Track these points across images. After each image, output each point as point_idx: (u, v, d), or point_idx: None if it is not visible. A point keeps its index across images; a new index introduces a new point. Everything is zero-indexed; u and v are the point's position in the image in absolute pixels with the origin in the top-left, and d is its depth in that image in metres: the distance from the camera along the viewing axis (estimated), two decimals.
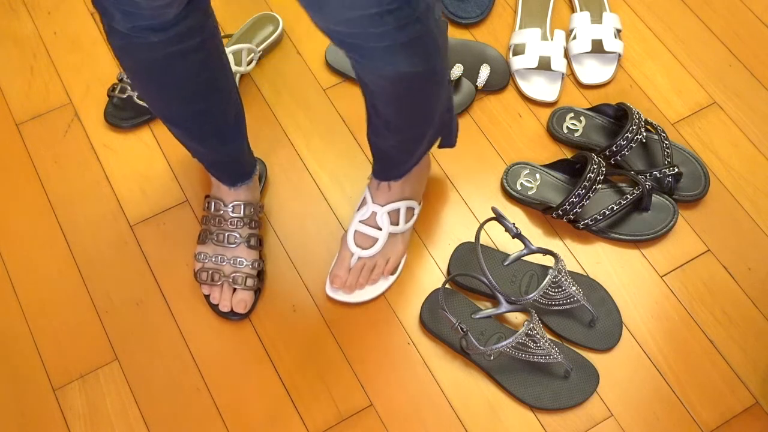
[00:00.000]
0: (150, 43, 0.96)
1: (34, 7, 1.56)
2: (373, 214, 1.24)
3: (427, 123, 1.10)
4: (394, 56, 0.90)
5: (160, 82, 1.04)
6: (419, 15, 0.87)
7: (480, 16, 1.53)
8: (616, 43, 1.46)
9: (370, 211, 1.24)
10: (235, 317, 1.25)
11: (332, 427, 1.20)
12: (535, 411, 1.20)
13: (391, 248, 1.26)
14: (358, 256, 1.24)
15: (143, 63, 1.01)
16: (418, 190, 1.28)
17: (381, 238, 1.24)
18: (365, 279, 1.25)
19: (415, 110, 1.06)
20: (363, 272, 1.25)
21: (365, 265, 1.25)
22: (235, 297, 1.24)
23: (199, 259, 1.26)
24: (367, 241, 1.24)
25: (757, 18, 1.55)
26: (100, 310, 1.28)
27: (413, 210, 1.27)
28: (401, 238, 1.27)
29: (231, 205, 1.24)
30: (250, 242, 1.25)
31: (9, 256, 1.32)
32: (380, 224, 1.24)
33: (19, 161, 1.40)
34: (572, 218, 1.30)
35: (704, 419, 1.20)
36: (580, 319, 1.25)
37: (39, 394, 1.22)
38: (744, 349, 1.25)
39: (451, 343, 1.23)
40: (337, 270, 1.25)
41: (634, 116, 1.34)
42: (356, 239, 1.24)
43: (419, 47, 0.91)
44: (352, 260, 1.24)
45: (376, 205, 1.23)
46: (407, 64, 0.91)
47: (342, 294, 1.26)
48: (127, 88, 1.41)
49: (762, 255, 1.32)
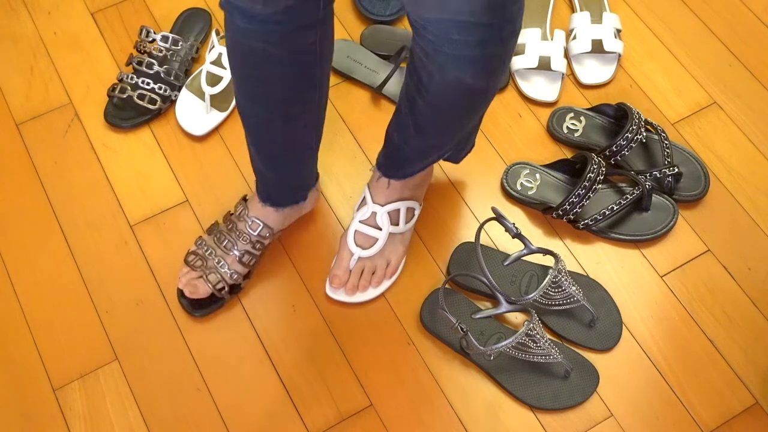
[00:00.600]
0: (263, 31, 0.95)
1: (34, 7, 1.56)
2: (373, 214, 1.23)
3: (457, 135, 1.11)
4: (464, 66, 0.91)
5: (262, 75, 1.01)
6: (504, 37, 0.89)
7: None
8: (616, 43, 1.46)
9: (370, 211, 1.23)
10: (183, 301, 1.24)
11: (332, 427, 1.20)
12: (535, 411, 1.20)
13: (391, 249, 1.25)
14: (358, 256, 1.23)
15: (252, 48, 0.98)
16: (419, 192, 1.28)
17: (381, 238, 1.23)
18: (366, 282, 1.25)
19: (453, 121, 1.06)
20: (363, 275, 1.24)
21: (365, 267, 1.24)
22: (194, 280, 1.23)
23: (196, 243, 1.26)
24: (367, 240, 1.24)
25: (757, 18, 1.55)
26: (100, 310, 1.28)
27: (414, 210, 1.26)
28: (401, 238, 1.26)
29: (251, 218, 1.22)
30: (243, 258, 1.23)
31: (9, 256, 1.32)
32: (380, 224, 1.23)
33: (19, 161, 1.40)
34: (572, 218, 1.30)
35: (704, 419, 1.20)
36: (580, 319, 1.25)
37: (39, 394, 1.22)
38: (744, 349, 1.25)
39: (451, 343, 1.23)
40: (336, 270, 1.24)
41: (634, 116, 1.34)
42: (356, 239, 1.24)
43: (490, 66, 0.92)
44: (352, 260, 1.24)
45: (376, 205, 1.23)
46: (473, 77, 0.92)
47: (342, 294, 1.25)
48: (127, 88, 1.41)
49: (762, 255, 1.32)
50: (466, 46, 0.88)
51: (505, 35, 0.89)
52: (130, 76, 1.42)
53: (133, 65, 1.42)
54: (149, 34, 1.45)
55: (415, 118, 1.05)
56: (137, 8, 1.55)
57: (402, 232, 1.26)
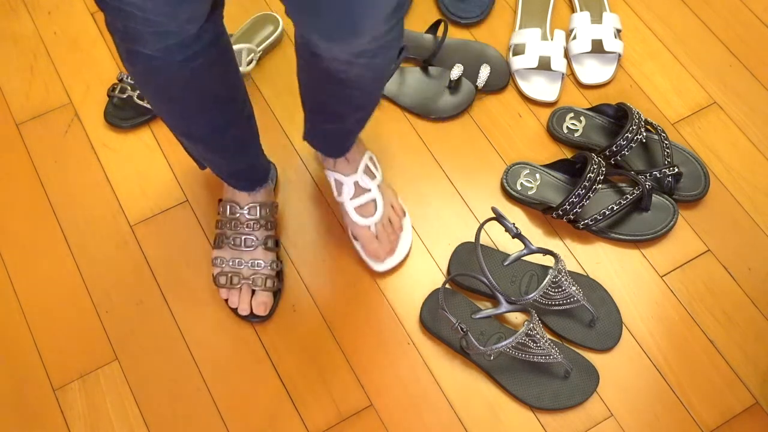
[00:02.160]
0: (177, 62, 0.93)
1: (34, 7, 1.56)
2: (356, 184, 1.25)
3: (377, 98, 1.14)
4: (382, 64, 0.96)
5: (184, 100, 1.02)
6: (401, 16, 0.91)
7: (480, 16, 1.53)
8: (616, 43, 1.46)
9: (352, 183, 1.25)
10: (255, 320, 1.25)
11: (332, 427, 1.20)
12: (535, 411, 1.20)
13: (386, 197, 1.29)
14: (374, 223, 1.26)
15: (169, 83, 0.98)
16: (361, 144, 1.29)
17: (375, 195, 1.26)
18: (394, 234, 1.28)
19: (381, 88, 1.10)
20: (387, 230, 1.27)
21: (383, 225, 1.27)
22: (255, 300, 1.24)
23: (216, 264, 1.25)
24: (368, 208, 1.26)
25: (757, 18, 1.55)
26: (100, 310, 1.28)
27: (372, 158, 1.29)
28: (384, 185, 1.30)
29: (247, 207, 1.24)
30: (267, 244, 1.25)
31: (9, 257, 1.32)
32: (366, 186, 1.25)
33: (19, 161, 1.40)
34: (572, 218, 1.30)
35: (704, 419, 1.20)
36: (580, 319, 1.25)
37: (39, 394, 1.22)
38: (744, 349, 1.25)
39: (451, 343, 1.23)
40: (369, 247, 1.26)
41: (634, 116, 1.34)
42: (360, 213, 1.26)
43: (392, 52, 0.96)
44: (372, 230, 1.26)
45: (352, 176, 1.25)
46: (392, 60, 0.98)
47: (389, 261, 1.28)
48: (127, 88, 1.41)
49: (762, 255, 1.32)
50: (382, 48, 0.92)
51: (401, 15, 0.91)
52: (129, 76, 1.42)
53: None
54: None
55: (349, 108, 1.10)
56: None
57: (381, 181, 1.28)
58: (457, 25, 1.53)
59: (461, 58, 1.47)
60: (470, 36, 1.53)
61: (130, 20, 0.85)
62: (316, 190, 1.37)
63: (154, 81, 0.98)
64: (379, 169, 1.28)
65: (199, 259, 1.30)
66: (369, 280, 1.29)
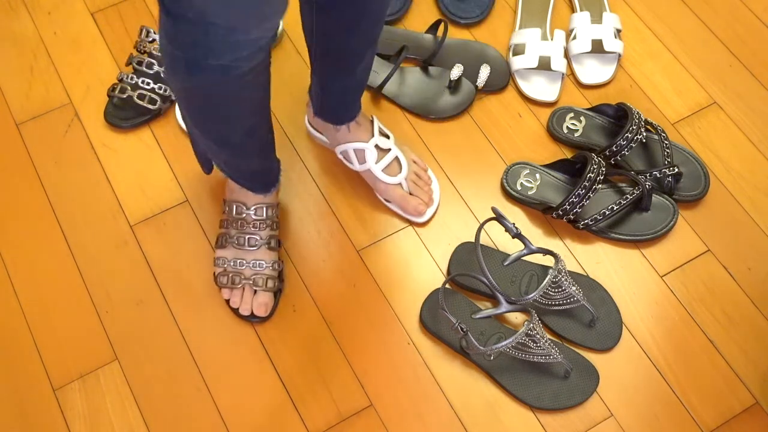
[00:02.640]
0: (242, 72, 0.89)
1: (34, 7, 1.56)
2: (377, 147, 1.29)
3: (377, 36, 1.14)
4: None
5: (235, 109, 1.00)
6: None
7: (480, 16, 1.53)
8: (616, 43, 1.46)
9: (373, 146, 1.28)
10: (255, 320, 1.25)
11: (332, 427, 1.20)
12: (535, 411, 1.20)
13: (405, 152, 1.33)
14: (402, 180, 1.30)
15: (227, 93, 0.94)
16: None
17: (397, 152, 1.30)
18: (425, 184, 1.33)
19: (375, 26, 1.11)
20: (419, 183, 1.32)
21: (413, 180, 1.31)
22: (255, 300, 1.24)
23: (218, 263, 1.25)
24: (393, 167, 1.30)
25: (757, 18, 1.55)
26: (100, 310, 1.28)
27: (375, 120, 1.32)
28: (398, 142, 1.34)
29: (254, 207, 1.24)
30: (270, 244, 1.25)
31: (9, 256, 1.32)
32: (385, 146, 1.29)
33: (19, 161, 1.40)
34: (572, 218, 1.30)
35: (704, 419, 1.20)
36: (580, 319, 1.25)
37: (39, 394, 1.22)
38: (744, 349, 1.25)
39: (451, 343, 1.23)
40: (407, 204, 1.31)
41: (634, 116, 1.34)
42: (388, 172, 1.30)
43: None
44: (405, 187, 1.31)
45: (371, 141, 1.28)
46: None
47: (428, 211, 1.33)
48: (127, 88, 1.41)
49: (762, 255, 1.32)
50: None
51: None
52: (130, 76, 1.42)
53: (133, 65, 1.42)
54: (149, 34, 1.45)
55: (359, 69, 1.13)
56: (137, 8, 1.55)
57: (395, 138, 1.32)
58: (457, 25, 1.53)
59: (461, 58, 1.47)
60: (470, 36, 1.53)
61: (210, 33, 0.81)
62: (316, 190, 1.37)
63: (214, 92, 0.93)
64: (387, 129, 1.32)
65: (199, 259, 1.30)
66: (369, 280, 1.29)
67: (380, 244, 1.32)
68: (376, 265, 1.31)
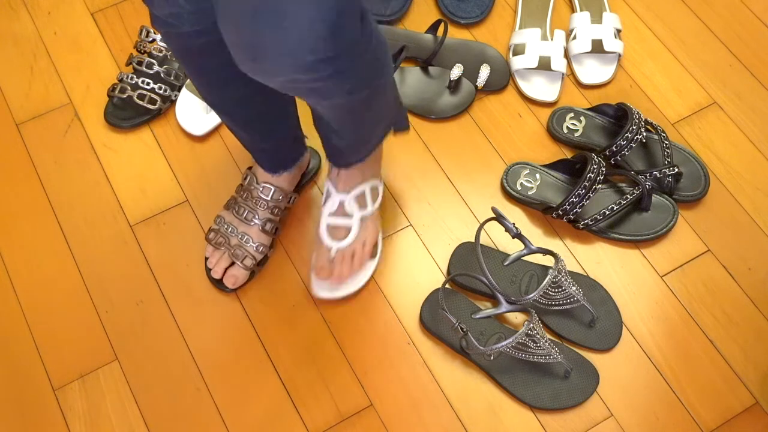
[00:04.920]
0: (185, 33, 0.96)
1: (34, 7, 1.56)
2: (341, 204, 1.21)
3: (377, 125, 1.10)
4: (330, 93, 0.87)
5: (198, 68, 1.04)
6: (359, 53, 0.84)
7: (480, 16, 1.53)
8: (616, 43, 1.46)
9: (337, 201, 1.21)
10: (221, 287, 1.27)
11: (332, 427, 1.20)
12: (535, 411, 1.20)
13: (364, 232, 1.24)
14: (335, 249, 1.23)
15: (181, 49, 1.01)
16: (377, 167, 1.26)
17: (354, 225, 1.22)
18: (349, 268, 1.24)
19: (362, 121, 1.05)
20: (345, 262, 1.24)
21: (344, 255, 1.24)
22: (229, 270, 1.26)
23: (216, 221, 1.28)
24: (340, 232, 1.23)
25: (757, 18, 1.55)
26: (100, 310, 1.28)
27: (378, 189, 1.25)
28: (371, 220, 1.25)
29: (262, 185, 1.25)
30: (265, 227, 1.26)
31: (9, 257, 1.32)
32: (350, 212, 1.22)
33: (19, 161, 1.40)
34: (572, 218, 1.30)
35: (704, 419, 1.20)
36: (580, 319, 1.25)
37: (39, 394, 1.22)
38: (744, 349, 1.25)
39: (451, 343, 1.23)
40: (319, 262, 1.24)
41: (634, 116, 1.34)
42: (330, 233, 1.23)
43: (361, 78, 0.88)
44: (331, 254, 1.23)
45: (342, 194, 1.21)
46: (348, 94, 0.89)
47: (328, 290, 1.25)
48: (127, 88, 1.41)
49: (762, 255, 1.32)
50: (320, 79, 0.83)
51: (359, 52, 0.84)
52: (130, 76, 1.42)
53: (133, 65, 1.42)
54: (149, 34, 1.45)
55: (324, 121, 1.05)
56: (137, 8, 1.55)
57: (371, 214, 1.25)
58: (457, 25, 1.53)
59: (461, 58, 1.47)
60: (470, 36, 1.53)
61: None
62: (316, 190, 1.37)
63: (169, 43, 1.01)
64: (375, 203, 1.24)
65: (199, 259, 1.30)
66: (369, 280, 1.29)
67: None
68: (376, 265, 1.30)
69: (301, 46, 0.77)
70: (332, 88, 0.86)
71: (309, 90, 0.87)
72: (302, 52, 0.78)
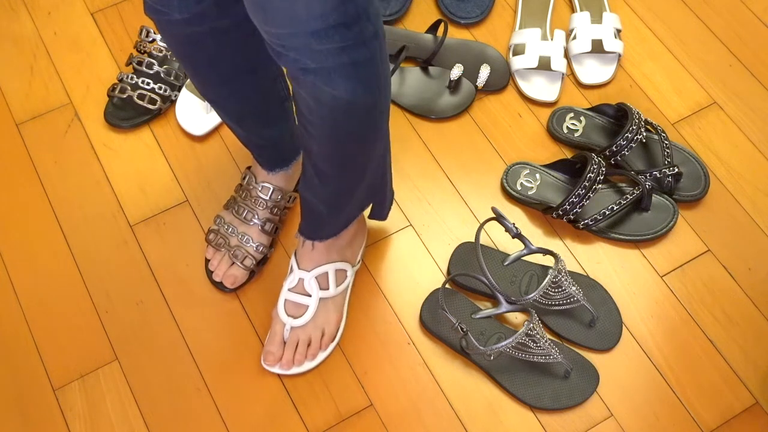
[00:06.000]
0: (175, 20, 0.96)
1: (34, 7, 1.56)
2: (301, 281, 1.19)
3: (360, 173, 1.06)
4: (334, 79, 0.86)
5: (190, 58, 1.04)
6: (365, 39, 0.85)
7: (480, 16, 1.53)
8: (616, 43, 1.46)
9: (297, 278, 1.19)
10: (221, 287, 1.27)
11: (332, 427, 1.20)
12: (535, 411, 1.20)
13: (324, 317, 1.21)
14: (290, 326, 1.19)
15: (174, 38, 1.01)
16: (349, 253, 1.23)
17: (311, 304, 1.19)
18: (302, 355, 1.20)
19: (348, 152, 1.01)
20: (298, 348, 1.20)
21: (299, 339, 1.20)
22: (228, 270, 1.26)
23: (215, 221, 1.28)
24: (297, 309, 1.20)
25: (757, 18, 1.55)
26: (100, 310, 1.28)
27: (345, 273, 1.22)
28: (333, 304, 1.21)
29: (261, 184, 1.25)
30: (265, 226, 1.26)
31: (9, 256, 1.32)
32: (309, 290, 1.19)
33: (19, 161, 1.40)
34: (572, 218, 1.30)
35: (704, 419, 1.20)
36: (580, 319, 1.25)
37: (39, 394, 1.22)
38: (744, 349, 1.25)
39: (451, 343, 1.23)
40: (270, 346, 1.20)
41: (634, 116, 1.34)
42: (287, 308, 1.20)
43: (361, 73, 0.88)
44: (285, 331, 1.20)
45: (302, 271, 1.18)
46: (346, 90, 0.88)
47: (274, 367, 1.20)
48: (127, 88, 1.41)
49: (762, 255, 1.32)
50: (329, 55, 0.83)
51: (367, 36, 0.84)
52: (130, 76, 1.42)
53: (133, 65, 1.42)
54: (149, 34, 1.45)
55: (314, 162, 1.02)
56: (137, 8, 1.55)
57: (333, 296, 1.21)
58: (457, 25, 1.53)
59: (461, 58, 1.47)
60: (470, 36, 1.53)
61: None
62: None
63: (162, 32, 1.01)
64: (339, 287, 1.20)
65: (199, 259, 1.30)
66: (369, 281, 1.29)
67: (380, 244, 1.32)
68: (376, 265, 1.30)
69: (309, 11, 0.79)
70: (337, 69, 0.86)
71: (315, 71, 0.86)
72: (311, 18, 0.80)
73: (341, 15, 0.81)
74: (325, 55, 0.84)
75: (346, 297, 1.24)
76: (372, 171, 1.07)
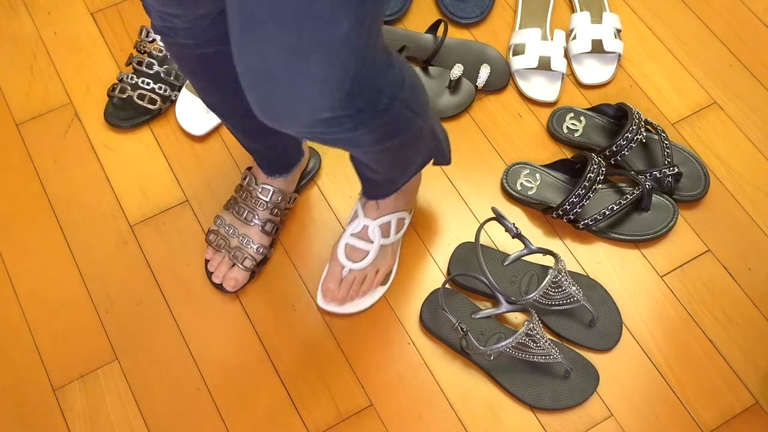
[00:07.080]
0: (184, 44, 0.97)
1: (34, 7, 1.56)
2: (365, 228, 1.22)
3: (414, 160, 1.10)
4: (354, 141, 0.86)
5: (197, 76, 1.05)
6: (382, 109, 0.83)
7: (480, 16, 1.53)
8: (616, 43, 1.46)
9: (362, 225, 1.22)
10: (222, 290, 1.27)
11: (332, 427, 1.20)
12: (535, 411, 1.20)
13: (382, 260, 1.25)
14: (349, 269, 1.23)
15: (180, 57, 1.02)
16: (409, 201, 1.27)
17: (372, 251, 1.23)
18: (356, 291, 1.24)
19: (398, 161, 1.04)
20: (354, 285, 1.24)
21: (356, 277, 1.24)
22: (229, 272, 1.26)
23: (215, 222, 1.28)
24: (358, 254, 1.23)
25: (757, 18, 1.55)
26: (100, 310, 1.28)
27: (404, 220, 1.26)
28: (391, 249, 1.26)
29: (261, 186, 1.25)
30: (265, 227, 1.26)
31: (9, 257, 1.32)
32: (372, 237, 1.22)
33: (19, 161, 1.40)
34: (572, 218, 1.30)
35: (704, 419, 1.20)
36: (580, 319, 1.25)
37: (39, 394, 1.22)
38: (744, 349, 1.25)
39: (451, 343, 1.23)
40: (329, 283, 1.24)
41: (634, 116, 1.34)
42: (347, 252, 1.23)
43: (389, 130, 0.87)
44: (343, 272, 1.23)
45: (368, 219, 1.22)
46: (373, 144, 0.88)
47: (334, 305, 1.25)
48: (127, 88, 1.41)
49: (762, 255, 1.32)
50: (344, 131, 0.81)
51: (383, 107, 0.82)
52: (130, 76, 1.42)
53: (133, 65, 1.42)
54: (149, 34, 1.45)
55: (360, 160, 1.04)
56: (137, 8, 1.55)
57: (392, 243, 1.25)
58: (457, 25, 1.53)
59: (461, 58, 1.47)
60: (470, 36, 1.53)
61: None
62: (317, 191, 1.37)
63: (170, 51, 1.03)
64: (398, 233, 1.25)
65: (199, 259, 1.30)
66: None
67: None
68: None
69: (317, 104, 0.76)
70: (359, 138, 0.85)
71: (336, 140, 0.86)
72: (319, 110, 0.77)
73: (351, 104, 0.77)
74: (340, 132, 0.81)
75: (401, 240, 1.28)
76: (423, 146, 1.09)
